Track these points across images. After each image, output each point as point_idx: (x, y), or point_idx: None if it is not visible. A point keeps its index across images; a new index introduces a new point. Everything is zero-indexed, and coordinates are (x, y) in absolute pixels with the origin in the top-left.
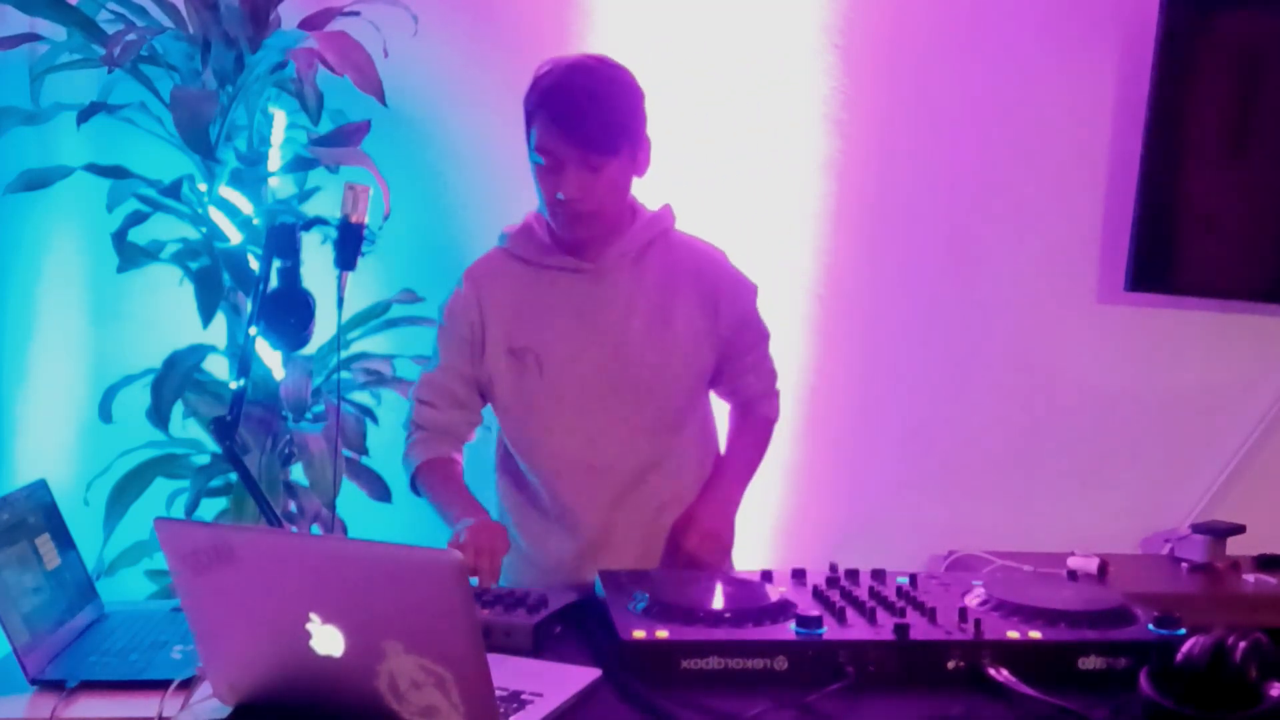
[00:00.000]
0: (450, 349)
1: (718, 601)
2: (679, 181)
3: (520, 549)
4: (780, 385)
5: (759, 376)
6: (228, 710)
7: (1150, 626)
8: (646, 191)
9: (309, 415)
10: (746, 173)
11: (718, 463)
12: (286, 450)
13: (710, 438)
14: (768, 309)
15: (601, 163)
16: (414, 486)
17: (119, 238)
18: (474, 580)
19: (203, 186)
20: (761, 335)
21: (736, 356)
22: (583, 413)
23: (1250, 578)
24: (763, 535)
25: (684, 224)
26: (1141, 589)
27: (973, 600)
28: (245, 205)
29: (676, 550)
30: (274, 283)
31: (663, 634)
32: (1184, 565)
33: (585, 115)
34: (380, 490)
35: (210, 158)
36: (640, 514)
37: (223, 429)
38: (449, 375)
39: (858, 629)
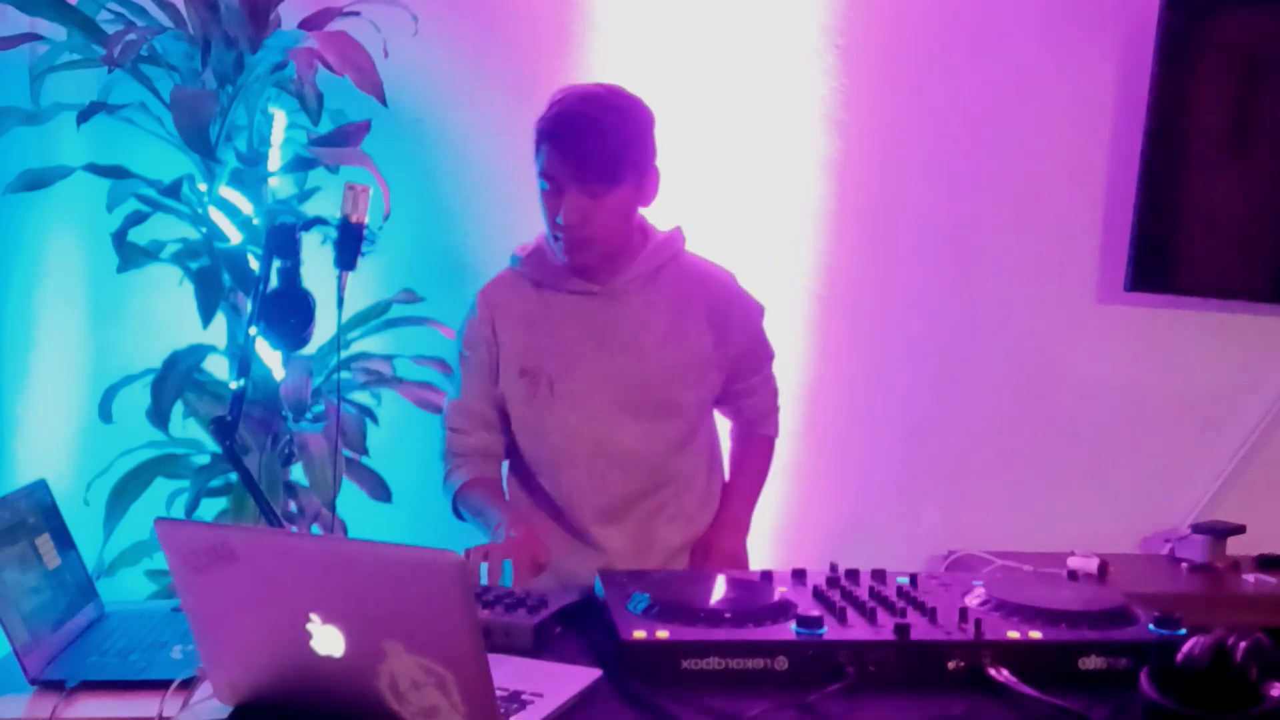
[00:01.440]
0: (472, 374)
1: (718, 601)
2: (679, 182)
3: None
4: (779, 386)
5: (763, 396)
6: (228, 710)
7: (1150, 626)
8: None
9: (309, 415)
10: (747, 173)
11: (726, 486)
12: (286, 450)
13: (716, 456)
14: (767, 309)
15: (603, 191)
16: (456, 510)
17: (119, 238)
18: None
19: (203, 186)
20: (767, 355)
21: (743, 376)
22: (594, 431)
23: (1250, 578)
24: (763, 535)
25: (685, 225)
26: (1141, 589)
27: (973, 600)
28: (245, 205)
29: None
30: (274, 283)
31: (663, 634)
32: (1184, 565)
33: (588, 146)
34: (380, 490)
35: (210, 158)
36: (653, 532)
37: (223, 429)
38: (476, 399)
39: (858, 629)
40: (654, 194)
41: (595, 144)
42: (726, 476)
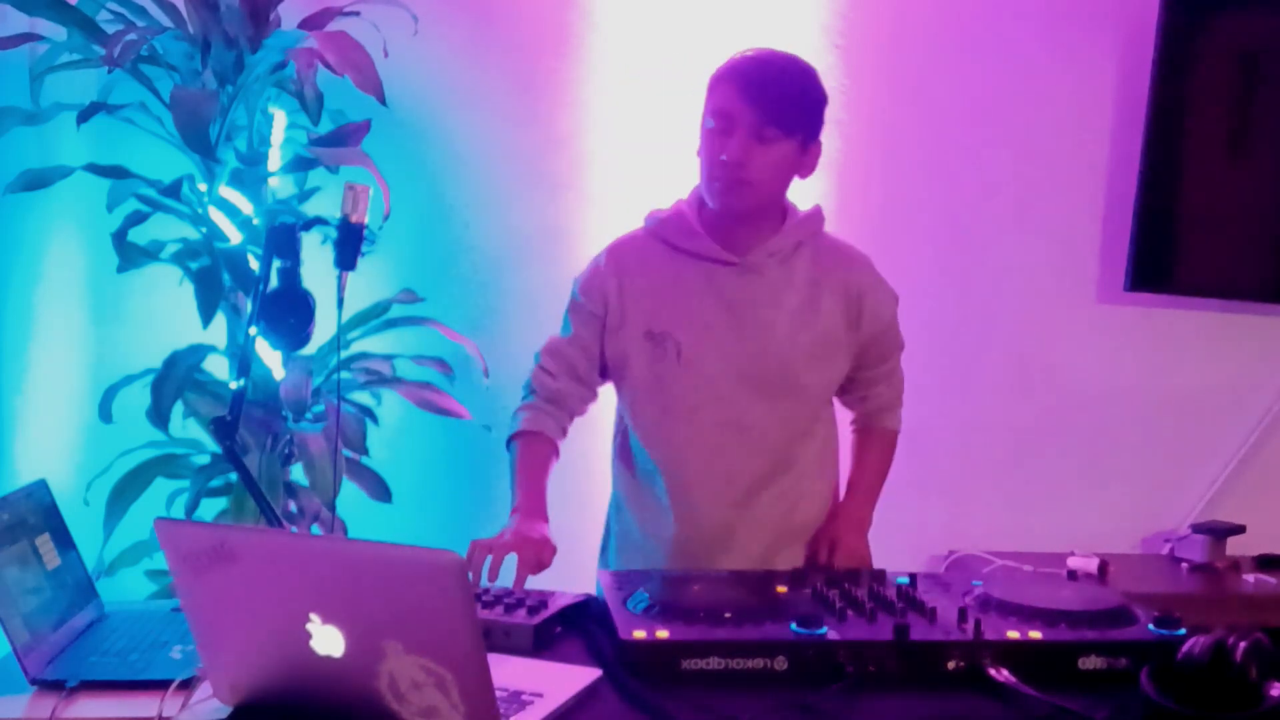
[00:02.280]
0: (580, 322)
1: (718, 601)
2: (679, 181)
3: (633, 537)
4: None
5: (890, 385)
6: (228, 710)
7: (1150, 626)
8: (646, 188)
9: (309, 415)
10: None
11: (851, 481)
12: (286, 450)
13: (833, 447)
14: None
15: (773, 138)
16: (509, 446)
17: (119, 238)
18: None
19: (203, 186)
20: (897, 345)
21: (871, 364)
22: (719, 405)
23: (1250, 578)
24: None
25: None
26: (1141, 589)
27: (973, 600)
28: (245, 205)
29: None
30: (274, 283)
31: (663, 634)
32: (1184, 565)
33: (773, 85)
34: (380, 490)
35: (210, 158)
36: (765, 515)
37: (223, 429)
38: (574, 347)
39: (858, 629)
40: (813, 167)
41: (781, 85)
42: (843, 472)
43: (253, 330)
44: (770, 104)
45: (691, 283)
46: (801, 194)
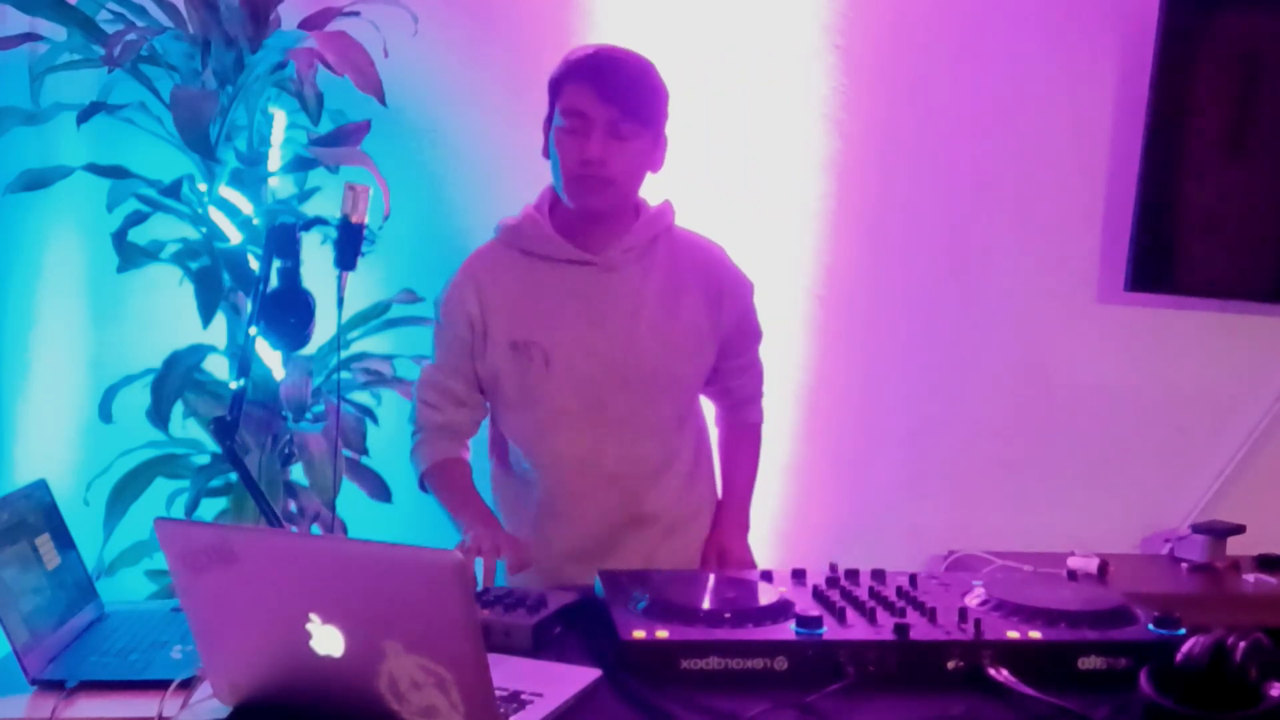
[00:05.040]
0: (447, 347)
1: (718, 601)
2: (679, 181)
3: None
4: (779, 385)
5: (752, 377)
6: (228, 710)
7: (1150, 626)
8: (647, 189)
9: (309, 415)
10: (746, 172)
11: (726, 481)
12: (286, 450)
13: (704, 438)
14: (767, 309)
15: (629, 133)
16: (422, 486)
17: (119, 238)
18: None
19: (203, 186)
20: (756, 335)
21: (734, 355)
22: (589, 408)
23: (1250, 578)
24: (763, 535)
25: (685, 224)
26: (1141, 589)
27: (973, 600)
28: (245, 205)
29: None
30: (274, 283)
31: (663, 634)
32: (1184, 565)
33: (624, 79)
34: (380, 490)
35: (210, 158)
36: (643, 514)
37: (223, 429)
38: (448, 374)
39: (858, 629)
40: (662, 162)
41: (634, 78)
42: (716, 463)
43: (253, 330)
44: (625, 100)
45: (550, 287)
46: (802, 193)
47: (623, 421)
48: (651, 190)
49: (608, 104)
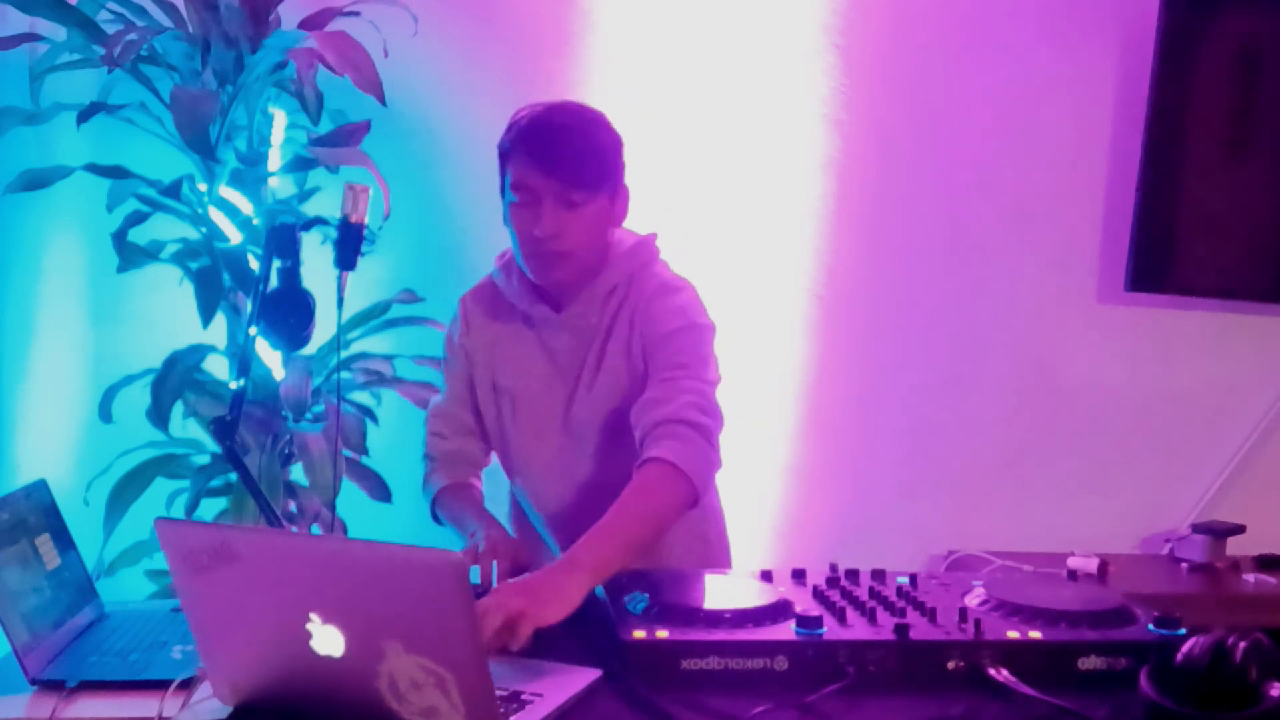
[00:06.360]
0: (453, 378)
1: (718, 602)
2: (680, 182)
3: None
4: (779, 386)
5: (666, 408)
6: (228, 710)
7: (1150, 626)
8: (647, 191)
9: (309, 415)
10: (747, 173)
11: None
12: (286, 450)
13: None
14: (767, 309)
15: (581, 200)
16: (434, 515)
17: (119, 238)
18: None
19: (203, 186)
20: (678, 364)
21: (651, 378)
22: (557, 456)
23: (1250, 578)
24: (763, 535)
25: (685, 225)
26: (1141, 589)
27: (973, 600)
28: (245, 205)
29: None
30: (274, 283)
31: (663, 634)
32: (1184, 565)
33: (567, 150)
34: (380, 490)
35: (210, 158)
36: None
37: (223, 429)
38: (455, 404)
39: (858, 629)
40: (624, 214)
41: (574, 147)
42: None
43: (253, 330)
44: (569, 170)
45: (519, 335)
46: (802, 193)
47: (588, 468)
48: (651, 193)
49: (552, 178)
